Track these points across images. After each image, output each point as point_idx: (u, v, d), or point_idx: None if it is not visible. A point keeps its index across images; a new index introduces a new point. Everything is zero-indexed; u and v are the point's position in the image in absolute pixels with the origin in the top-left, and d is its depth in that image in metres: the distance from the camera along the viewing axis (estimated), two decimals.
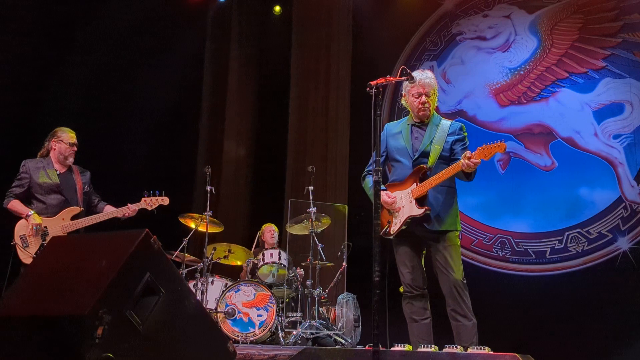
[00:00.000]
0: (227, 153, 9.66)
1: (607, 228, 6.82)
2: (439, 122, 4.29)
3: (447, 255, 4.10)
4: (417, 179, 4.14)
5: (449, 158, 4.20)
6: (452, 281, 4.04)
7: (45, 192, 5.22)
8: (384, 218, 4.27)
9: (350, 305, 6.92)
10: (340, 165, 8.86)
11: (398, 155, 4.30)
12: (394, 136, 4.38)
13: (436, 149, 4.17)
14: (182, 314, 2.83)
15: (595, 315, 6.54)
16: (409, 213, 4.12)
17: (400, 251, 4.27)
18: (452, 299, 4.04)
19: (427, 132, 4.25)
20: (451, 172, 4.03)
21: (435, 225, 4.12)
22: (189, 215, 6.99)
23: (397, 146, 4.32)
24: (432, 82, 4.22)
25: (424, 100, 4.20)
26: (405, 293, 4.24)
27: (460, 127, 4.29)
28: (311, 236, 6.75)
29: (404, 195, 4.17)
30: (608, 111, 7.07)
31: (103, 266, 2.64)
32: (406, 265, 4.21)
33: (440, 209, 4.13)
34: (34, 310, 2.69)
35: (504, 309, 6.73)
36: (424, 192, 4.09)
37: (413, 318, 4.20)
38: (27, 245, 5.03)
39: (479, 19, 8.16)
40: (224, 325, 6.22)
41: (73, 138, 5.41)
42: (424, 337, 4.13)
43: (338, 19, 9.35)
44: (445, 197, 4.18)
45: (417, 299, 4.20)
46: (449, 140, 4.21)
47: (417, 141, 4.26)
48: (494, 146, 3.88)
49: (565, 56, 7.43)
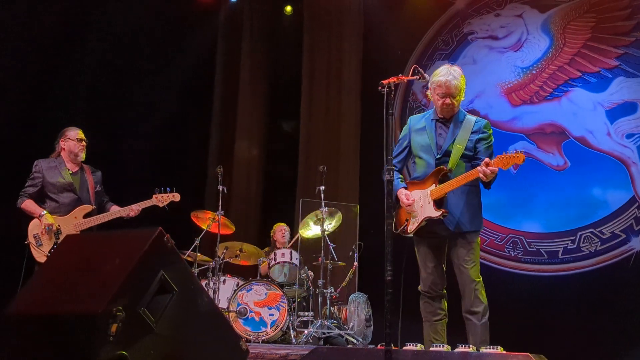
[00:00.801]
0: (238, 153, 9.68)
1: (621, 228, 6.77)
2: (463, 119, 4.23)
3: (467, 255, 4.06)
4: (436, 180, 4.10)
5: (472, 157, 4.16)
6: (470, 281, 4.02)
7: (58, 191, 5.28)
8: (402, 215, 4.24)
9: (362, 305, 6.92)
10: (352, 165, 8.85)
11: (422, 153, 4.25)
12: (418, 132, 4.32)
13: (458, 149, 4.12)
14: (195, 312, 2.84)
15: (608, 316, 6.50)
16: (427, 214, 4.09)
17: (421, 251, 4.25)
18: (468, 298, 4.02)
19: (451, 129, 4.20)
20: (469, 178, 4.00)
21: (457, 226, 4.08)
22: (201, 213, 7.01)
23: (421, 143, 4.26)
24: (458, 83, 4.13)
25: (448, 102, 4.14)
26: (424, 292, 4.23)
27: (484, 125, 4.23)
28: (323, 236, 6.75)
29: (423, 195, 4.13)
30: (621, 110, 7.02)
31: (117, 264, 2.65)
32: (427, 266, 4.20)
33: (464, 209, 4.10)
34: (48, 308, 2.71)
35: (516, 308, 6.71)
36: (443, 194, 4.06)
37: (429, 317, 4.19)
38: (40, 244, 5.08)
39: (491, 18, 8.13)
40: (235, 324, 6.24)
41: (80, 134, 5.48)
42: (438, 337, 4.12)
43: (349, 19, 9.35)
44: (468, 196, 4.14)
45: (435, 299, 4.18)
46: (472, 138, 4.16)
47: (441, 138, 4.21)
48: (512, 156, 3.86)
49: (577, 55, 7.39)
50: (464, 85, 4.19)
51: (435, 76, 4.15)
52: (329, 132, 9.14)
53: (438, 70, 4.19)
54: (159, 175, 8.04)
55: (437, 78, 4.13)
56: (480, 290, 4.04)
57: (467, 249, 4.08)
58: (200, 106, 9.79)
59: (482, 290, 4.04)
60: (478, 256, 4.12)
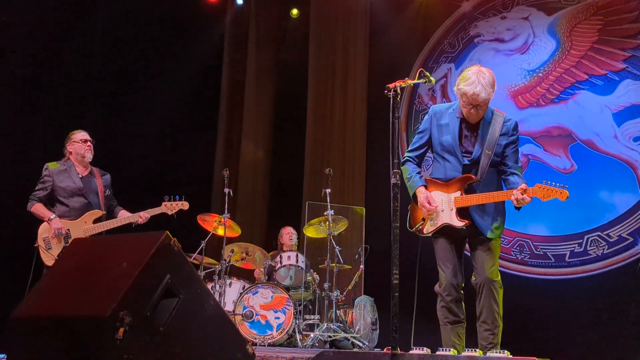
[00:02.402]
0: (244, 155, 9.70)
1: (628, 231, 6.74)
2: (491, 118, 4.00)
3: (488, 258, 3.96)
4: (462, 187, 3.94)
5: (499, 163, 4.01)
6: (489, 285, 3.92)
7: (69, 195, 5.29)
8: (419, 213, 4.11)
9: (368, 308, 6.91)
10: (358, 168, 8.85)
11: (446, 153, 4.05)
12: (440, 128, 4.09)
13: (487, 155, 3.93)
14: (201, 315, 2.85)
15: (615, 319, 6.47)
16: (447, 220, 3.96)
17: (440, 247, 4.07)
18: (486, 302, 3.92)
19: (480, 134, 3.97)
20: (500, 198, 3.87)
21: (481, 232, 3.95)
22: (207, 216, 7.02)
23: (445, 142, 4.04)
24: (486, 97, 3.82)
25: (473, 112, 3.92)
26: (443, 294, 4.03)
27: (513, 127, 4.02)
28: (329, 239, 6.75)
29: (445, 199, 3.99)
30: (628, 113, 6.99)
31: (124, 268, 2.66)
32: (446, 264, 4.03)
33: (489, 214, 3.98)
34: (55, 311, 2.72)
35: (523, 312, 6.68)
36: (467, 205, 3.93)
37: (448, 320, 4.01)
38: (50, 247, 5.10)
39: (497, 20, 8.12)
40: (241, 327, 6.23)
41: (84, 135, 5.49)
42: (459, 341, 3.98)
43: (355, 22, 9.35)
44: (496, 203, 4.00)
45: (453, 302, 4.01)
46: (500, 142, 3.96)
47: (467, 141, 4.02)
48: (555, 190, 3.71)
49: (584, 58, 7.36)
50: (490, 92, 3.87)
51: (462, 81, 3.86)
52: (335, 134, 9.15)
53: (466, 74, 3.88)
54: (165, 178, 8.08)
55: (465, 87, 3.83)
56: (498, 295, 3.95)
57: (488, 255, 3.96)
58: (206, 109, 9.81)
59: (499, 296, 3.95)
60: (497, 261, 4.02)
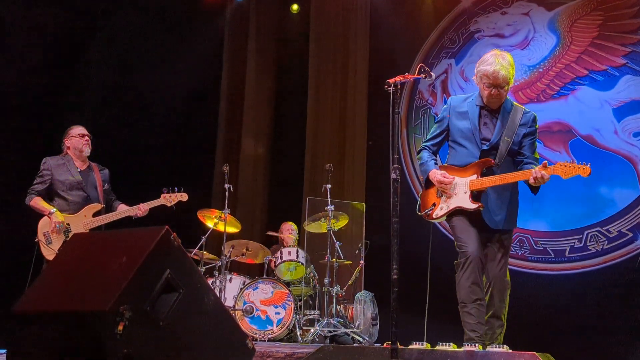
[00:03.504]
0: (244, 151, 9.69)
1: (628, 227, 6.75)
2: (510, 109, 4.01)
3: (498, 253, 3.92)
4: (479, 171, 3.90)
5: (517, 152, 3.98)
6: (500, 280, 3.88)
7: (68, 189, 5.29)
8: (429, 198, 4.06)
9: (368, 303, 6.92)
10: (358, 163, 8.85)
11: (463, 140, 4.03)
12: (459, 115, 4.08)
13: (506, 142, 3.91)
14: (201, 310, 2.85)
15: (614, 315, 6.49)
16: (460, 204, 3.90)
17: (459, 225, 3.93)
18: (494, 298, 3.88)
19: (499, 121, 3.97)
20: (518, 178, 3.81)
21: (496, 223, 3.90)
22: (208, 211, 7.02)
23: (463, 129, 4.03)
24: (507, 74, 3.85)
25: (495, 93, 3.90)
26: (464, 257, 3.85)
27: (533, 119, 4.03)
28: (329, 234, 6.76)
29: (460, 182, 3.93)
30: (628, 108, 6.99)
31: (124, 263, 2.66)
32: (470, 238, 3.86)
33: (504, 205, 3.93)
34: (55, 306, 2.72)
35: (523, 307, 6.66)
36: (483, 187, 3.86)
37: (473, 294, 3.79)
38: (50, 242, 5.10)
39: (498, 16, 8.11)
40: (242, 322, 6.25)
41: (82, 129, 5.51)
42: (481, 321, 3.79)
43: (355, 17, 9.34)
44: (512, 193, 3.98)
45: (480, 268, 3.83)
46: (519, 132, 3.95)
47: (486, 129, 4.00)
48: (577, 167, 3.64)
49: (584, 53, 7.36)
50: (513, 72, 3.92)
51: (482, 64, 3.90)
52: (336, 130, 9.14)
53: (485, 57, 3.93)
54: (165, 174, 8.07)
55: (484, 67, 3.87)
56: (507, 292, 3.91)
57: (501, 251, 3.92)
58: (206, 105, 9.81)
59: (508, 292, 3.92)
60: (508, 256, 3.98)
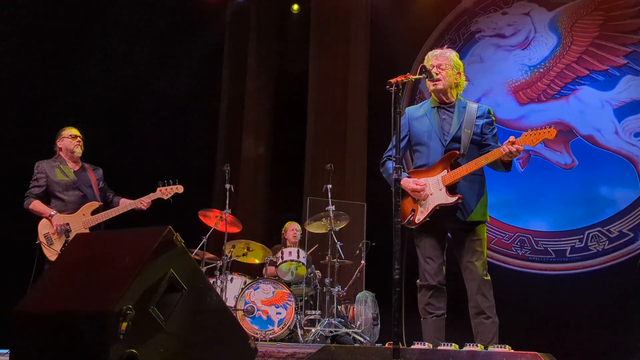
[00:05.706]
0: (245, 151, 9.70)
1: (628, 227, 6.75)
2: (465, 105, 4.09)
3: (475, 249, 3.92)
4: (448, 165, 3.92)
5: (481, 143, 4.02)
6: (478, 277, 3.88)
7: (64, 189, 5.31)
8: (407, 206, 4.06)
9: (369, 304, 6.92)
10: (359, 163, 8.85)
11: (426, 139, 4.06)
12: (417, 119, 4.15)
13: (467, 133, 3.96)
14: (204, 310, 2.85)
15: (616, 315, 6.49)
16: (439, 201, 3.90)
17: (423, 243, 4.04)
18: (476, 296, 3.88)
19: (455, 114, 4.04)
20: (489, 158, 3.83)
21: (465, 215, 3.92)
22: (208, 212, 7.02)
23: (424, 129, 4.09)
24: (436, 53, 4.14)
25: (436, 75, 4.00)
26: (422, 284, 4.00)
27: (488, 110, 4.10)
28: (330, 234, 6.76)
29: (433, 182, 3.95)
30: (629, 109, 7.00)
31: (126, 263, 2.66)
32: (429, 259, 3.98)
33: (472, 198, 3.94)
34: (58, 306, 2.72)
35: (524, 307, 6.70)
36: (456, 179, 3.88)
37: (428, 311, 3.97)
38: (51, 243, 5.11)
39: (498, 16, 8.12)
40: (243, 322, 6.24)
41: (74, 131, 5.55)
42: (440, 336, 3.96)
43: (356, 17, 9.34)
44: (477, 185, 3.99)
45: (436, 293, 3.97)
46: (478, 123, 4.02)
47: (446, 123, 4.05)
48: (542, 131, 3.68)
49: (585, 53, 7.37)
50: (454, 62, 4.10)
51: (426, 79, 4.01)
52: (336, 130, 9.13)
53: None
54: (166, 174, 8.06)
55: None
56: (489, 287, 3.90)
57: (475, 243, 3.93)
58: (207, 105, 9.81)
59: (490, 288, 3.91)
60: (485, 251, 3.98)
